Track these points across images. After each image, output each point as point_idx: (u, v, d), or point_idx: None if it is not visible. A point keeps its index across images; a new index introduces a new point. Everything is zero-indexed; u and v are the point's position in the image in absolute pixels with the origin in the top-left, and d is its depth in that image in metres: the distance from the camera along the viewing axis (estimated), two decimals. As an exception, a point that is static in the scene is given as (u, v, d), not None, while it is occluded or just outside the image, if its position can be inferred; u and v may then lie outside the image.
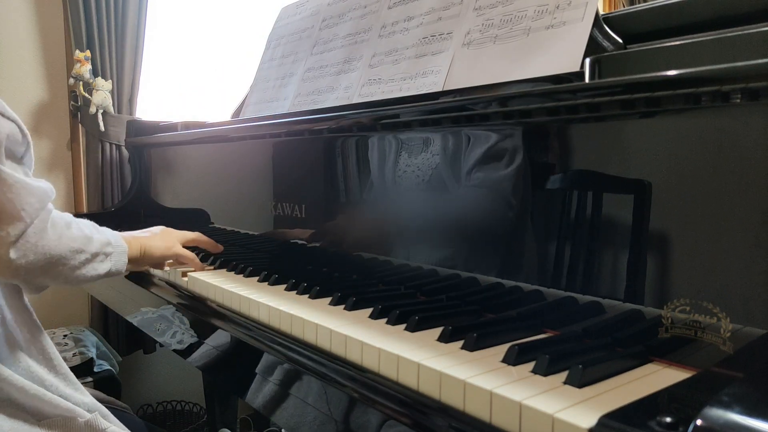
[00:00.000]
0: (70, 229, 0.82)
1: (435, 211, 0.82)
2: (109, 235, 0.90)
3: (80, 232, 0.83)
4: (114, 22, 1.87)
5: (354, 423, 0.60)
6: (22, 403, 0.79)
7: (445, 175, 0.80)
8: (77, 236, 0.82)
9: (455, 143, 0.79)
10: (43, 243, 0.77)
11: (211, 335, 0.89)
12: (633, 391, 0.49)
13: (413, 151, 0.84)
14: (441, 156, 0.80)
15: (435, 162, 0.81)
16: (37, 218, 0.75)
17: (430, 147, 0.82)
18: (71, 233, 0.82)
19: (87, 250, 0.83)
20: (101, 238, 0.87)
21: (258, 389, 0.77)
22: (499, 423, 0.48)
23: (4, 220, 0.72)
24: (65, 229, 0.81)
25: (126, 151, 1.91)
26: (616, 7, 3.10)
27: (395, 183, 0.87)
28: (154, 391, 2.11)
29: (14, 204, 0.73)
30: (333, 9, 1.25)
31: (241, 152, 1.26)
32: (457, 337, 0.63)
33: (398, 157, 0.87)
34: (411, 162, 0.85)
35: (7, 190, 0.72)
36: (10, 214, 0.73)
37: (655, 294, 0.57)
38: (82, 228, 0.85)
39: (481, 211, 0.76)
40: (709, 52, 0.59)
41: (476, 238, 0.77)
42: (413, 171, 0.84)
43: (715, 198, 0.54)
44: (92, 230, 0.87)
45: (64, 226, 0.81)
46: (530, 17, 0.83)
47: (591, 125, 0.64)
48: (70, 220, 0.83)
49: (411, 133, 0.85)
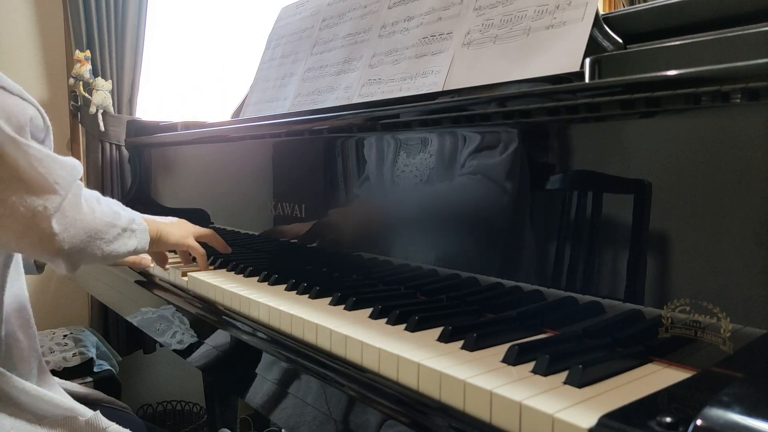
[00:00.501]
0: (100, 204, 0.82)
1: (435, 210, 0.82)
2: (131, 212, 0.90)
3: (109, 208, 0.84)
4: (114, 22, 1.87)
5: (354, 423, 0.60)
6: (23, 402, 0.79)
7: (445, 174, 0.80)
8: (107, 211, 0.83)
9: (455, 143, 0.79)
10: (81, 217, 0.77)
11: (211, 335, 0.89)
12: (633, 391, 0.49)
13: (413, 151, 0.84)
14: (441, 156, 0.80)
15: (435, 162, 0.81)
16: (70, 192, 0.75)
17: (429, 147, 0.82)
18: (102, 208, 0.82)
19: (118, 225, 0.84)
20: (127, 214, 0.88)
21: (258, 389, 0.77)
22: (499, 423, 0.48)
23: (39, 194, 0.72)
24: (96, 203, 0.81)
25: (126, 151, 1.91)
26: (616, 7, 3.10)
27: (395, 183, 0.87)
28: (154, 391, 2.11)
29: (47, 178, 0.72)
30: (333, 9, 1.25)
31: (241, 152, 1.26)
32: (457, 337, 0.63)
33: (398, 157, 0.87)
34: (410, 162, 0.85)
35: (38, 164, 0.72)
36: (43, 188, 0.72)
37: (655, 294, 0.57)
38: (110, 204, 0.85)
39: (482, 210, 0.76)
40: (709, 52, 0.59)
41: (476, 238, 0.77)
42: (413, 171, 0.84)
43: (715, 198, 0.54)
44: (118, 206, 0.87)
45: (95, 201, 0.81)
46: (530, 17, 0.83)
47: (591, 125, 0.64)
48: (98, 195, 0.83)
49: (411, 133, 0.85)
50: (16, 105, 0.71)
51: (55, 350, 1.63)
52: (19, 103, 0.72)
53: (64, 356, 1.62)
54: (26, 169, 0.71)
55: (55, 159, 0.74)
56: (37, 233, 0.72)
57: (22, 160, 0.70)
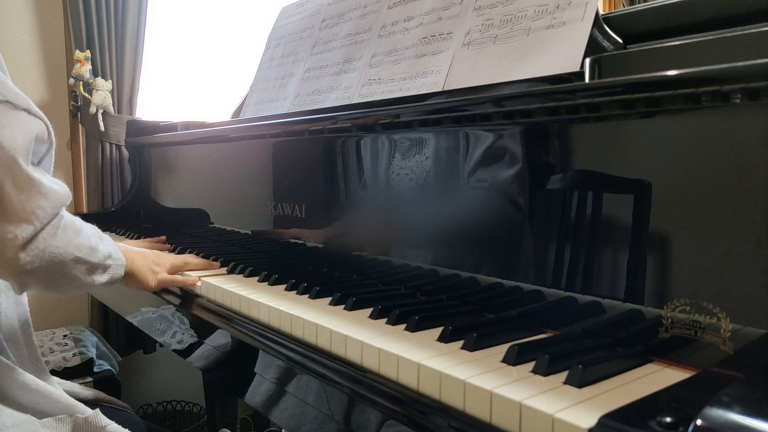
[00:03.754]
0: (78, 237, 0.79)
1: (435, 210, 0.82)
2: (111, 246, 0.87)
3: (87, 241, 0.81)
4: (114, 22, 1.87)
5: (354, 423, 0.60)
6: (24, 399, 0.79)
7: (445, 174, 0.80)
8: (84, 245, 0.80)
9: (455, 143, 0.79)
10: (51, 250, 0.74)
11: (211, 335, 0.89)
12: (633, 391, 0.49)
13: (413, 151, 0.84)
14: (441, 156, 0.80)
15: (435, 162, 0.81)
16: (49, 224, 0.73)
17: (430, 147, 0.82)
18: (79, 241, 0.79)
19: (89, 261, 0.81)
20: (104, 249, 0.84)
21: (258, 389, 0.77)
22: (499, 423, 0.48)
23: (11, 221, 0.70)
24: (74, 236, 0.78)
25: (126, 151, 1.91)
26: (616, 7, 3.10)
27: (395, 183, 0.87)
28: (154, 391, 2.11)
29: (24, 206, 0.70)
30: (333, 9, 1.25)
31: (241, 152, 1.26)
32: (457, 337, 0.63)
33: (398, 157, 0.87)
34: (410, 162, 0.85)
35: (20, 191, 0.70)
36: (19, 216, 0.70)
37: (655, 294, 0.57)
38: (89, 236, 0.82)
39: (482, 210, 0.76)
40: (709, 52, 0.59)
41: (476, 238, 0.77)
42: (412, 171, 0.84)
43: (715, 198, 0.54)
44: (97, 240, 0.84)
45: (73, 234, 0.78)
46: (530, 17, 0.83)
47: (591, 125, 0.64)
48: (80, 227, 0.80)
49: (411, 133, 0.85)
50: (20, 123, 0.69)
51: (55, 350, 1.63)
52: (24, 121, 0.70)
53: (64, 356, 1.62)
54: (8, 194, 0.69)
55: (40, 188, 0.72)
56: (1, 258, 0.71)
57: (8, 183, 0.68)
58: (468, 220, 0.78)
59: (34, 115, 0.72)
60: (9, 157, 0.68)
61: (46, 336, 1.71)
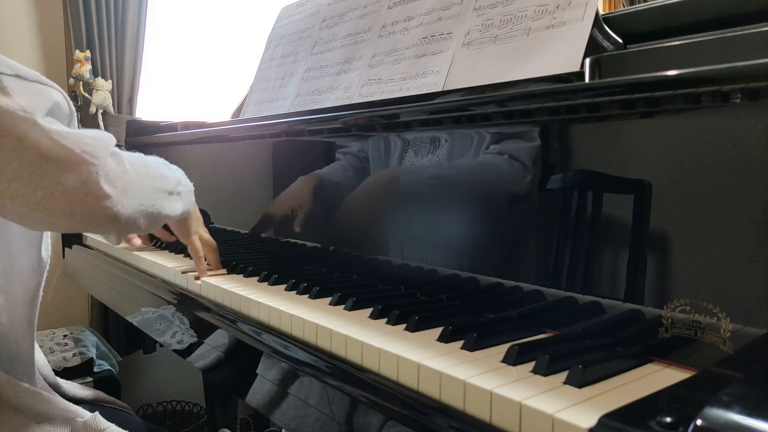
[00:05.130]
0: (146, 167, 0.78)
1: (435, 211, 0.82)
2: (177, 172, 0.85)
3: (156, 170, 0.79)
4: (114, 22, 1.87)
5: (355, 423, 0.60)
6: (21, 403, 0.79)
7: (444, 175, 0.80)
8: (154, 173, 0.78)
9: (455, 143, 0.79)
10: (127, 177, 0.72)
11: (211, 335, 0.89)
12: (633, 391, 0.49)
13: (412, 151, 0.84)
14: (440, 156, 0.80)
15: (434, 162, 0.81)
16: (108, 157, 0.70)
17: (429, 147, 0.82)
18: (148, 171, 0.77)
19: (165, 188, 0.80)
20: (173, 175, 0.83)
21: (258, 389, 0.77)
22: (499, 423, 0.48)
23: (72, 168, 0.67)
24: (142, 166, 0.77)
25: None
26: (616, 7, 3.10)
27: (395, 183, 0.87)
28: (154, 391, 2.11)
29: (74, 150, 0.67)
30: (333, 9, 1.25)
31: (241, 152, 1.26)
32: (457, 337, 0.63)
33: (397, 158, 0.87)
34: (410, 162, 0.85)
35: (62, 140, 0.67)
36: (74, 161, 0.67)
37: (655, 294, 0.57)
38: (157, 165, 0.81)
39: (482, 210, 0.76)
40: (709, 52, 0.59)
41: (476, 238, 0.77)
42: (413, 171, 0.84)
43: (715, 198, 0.54)
44: (165, 167, 0.83)
45: (140, 164, 0.76)
46: (530, 17, 0.83)
47: (591, 125, 0.64)
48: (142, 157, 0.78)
49: (410, 134, 0.85)
50: (34, 90, 0.68)
51: (55, 350, 1.63)
52: (38, 88, 0.69)
53: (64, 356, 1.62)
54: (50, 147, 0.66)
55: (80, 132, 0.69)
56: (87, 207, 0.68)
57: (45, 139, 0.66)
58: (468, 220, 0.78)
59: (46, 85, 0.70)
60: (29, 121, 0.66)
61: (46, 336, 1.71)
